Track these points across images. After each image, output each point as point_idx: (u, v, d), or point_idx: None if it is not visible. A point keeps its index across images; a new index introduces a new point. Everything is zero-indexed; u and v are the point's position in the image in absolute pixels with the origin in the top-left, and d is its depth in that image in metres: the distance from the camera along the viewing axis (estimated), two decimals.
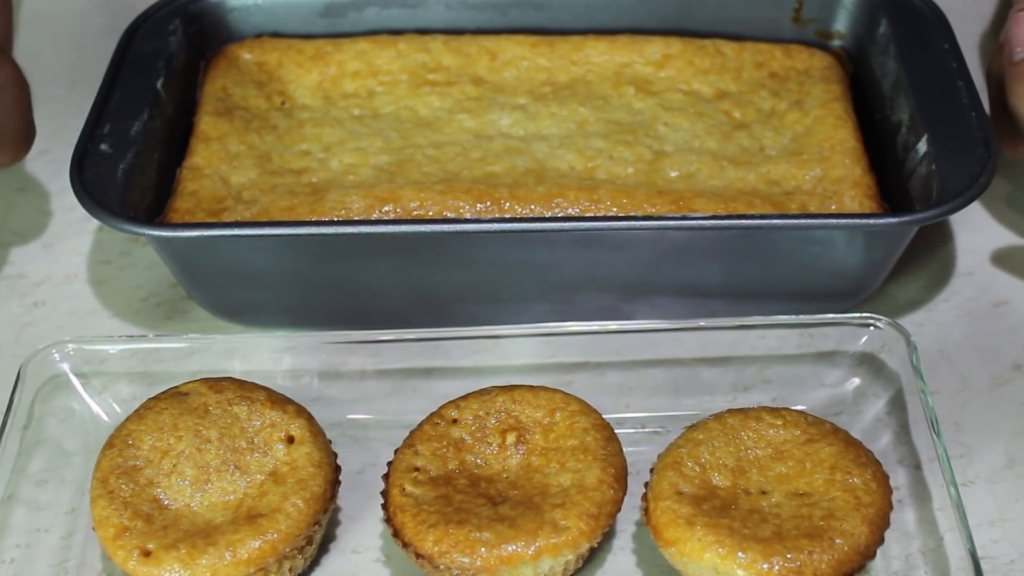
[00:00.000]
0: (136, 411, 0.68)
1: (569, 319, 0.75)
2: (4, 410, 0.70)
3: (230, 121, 0.81)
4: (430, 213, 0.75)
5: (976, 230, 0.82)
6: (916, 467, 0.68)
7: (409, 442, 0.67)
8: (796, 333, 0.73)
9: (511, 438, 0.67)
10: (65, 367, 0.72)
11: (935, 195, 0.72)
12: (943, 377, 0.75)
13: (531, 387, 0.69)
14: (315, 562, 0.67)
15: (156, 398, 0.68)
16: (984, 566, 0.65)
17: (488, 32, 0.86)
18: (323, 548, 0.68)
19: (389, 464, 0.67)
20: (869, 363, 0.72)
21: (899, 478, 0.68)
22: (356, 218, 0.74)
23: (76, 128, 0.77)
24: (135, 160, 0.76)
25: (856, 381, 0.72)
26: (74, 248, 0.84)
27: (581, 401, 0.68)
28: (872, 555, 0.62)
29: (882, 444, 0.69)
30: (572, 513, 0.63)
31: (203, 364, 0.73)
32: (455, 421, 0.68)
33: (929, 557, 0.65)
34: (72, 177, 0.73)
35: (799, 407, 0.70)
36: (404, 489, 0.65)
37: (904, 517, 0.67)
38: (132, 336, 0.77)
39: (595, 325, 0.72)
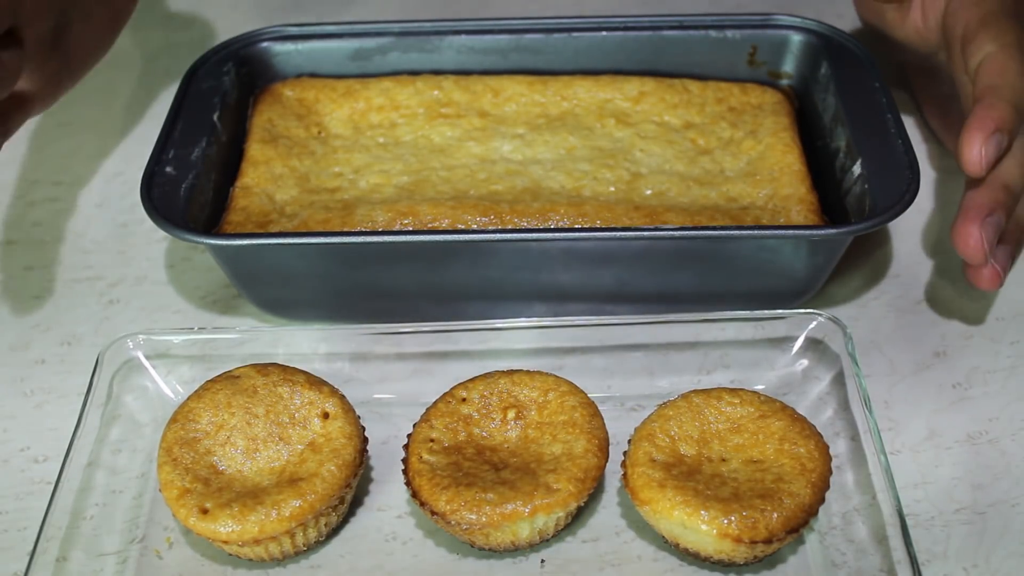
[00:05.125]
0: (196, 391, 0.68)
1: (560, 314, 0.75)
2: (86, 390, 0.70)
3: (275, 148, 0.81)
4: (443, 225, 0.74)
5: (902, 239, 0.82)
6: (852, 438, 0.68)
7: (425, 417, 0.67)
8: (751, 326, 0.73)
9: (511, 414, 0.67)
10: (138, 354, 0.72)
11: (868, 210, 0.72)
12: (874, 363, 0.75)
13: (528, 371, 0.69)
14: (346, 519, 0.67)
15: (213, 380, 0.68)
16: (909, 522, 0.65)
17: (492, 73, 0.86)
18: (353, 506, 0.68)
19: (409, 436, 0.67)
20: (812, 351, 0.72)
21: (838, 447, 0.68)
22: (381, 229, 0.74)
23: (145, 154, 0.77)
24: (195, 181, 0.75)
25: (801, 366, 0.72)
26: (143, 254, 0.84)
27: (570, 383, 0.68)
28: (815, 512, 0.62)
29: (824, 419, 0.69)
30: (563, 477, 0.63)
31: (252, 352, 0.73)
32: (464, 400, 0.68)
33: (863, 514, 0.65)
34: (142, 195, 0.73)
35: (753, 388, 0.70)
36: (421, 457, 0.65)
37: (843, 480, 0.66)
38: (192, 328, 0.77)
39: (582, 319, 0.72)
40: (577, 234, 0.70)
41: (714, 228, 0.71)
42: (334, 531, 0.67)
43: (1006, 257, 0.71)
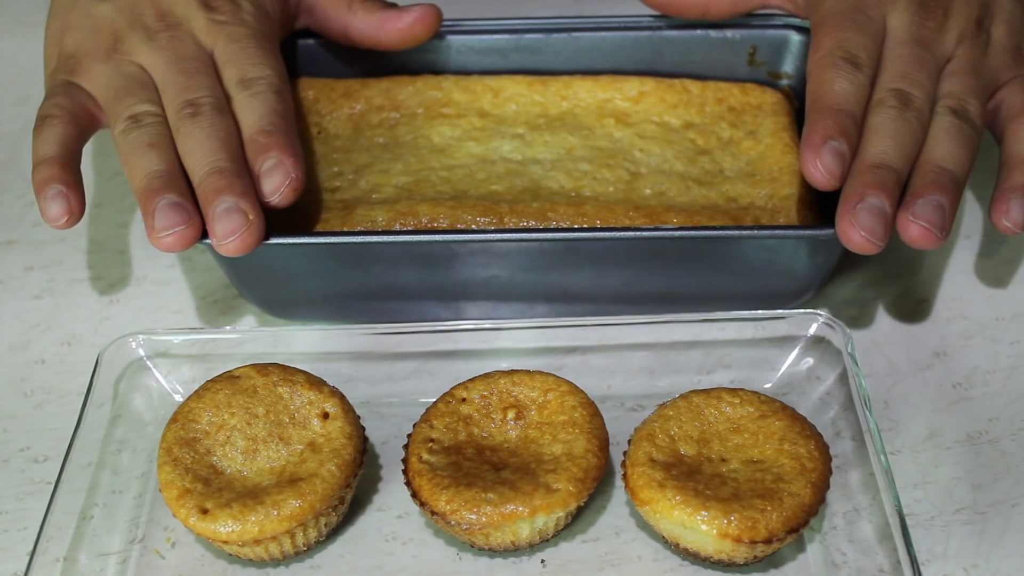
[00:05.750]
0: (196, 391, 0.68)
1: (560, 314, 0.75)
2: (86, 390, 0.70)
3: None
4: (443, 225, 0.74)
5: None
6: (852, 438, 0.68)
7: (425, 417, 0.67)
8: (751, 326, 0.73)
9: (511, 414, 0.67)
10: (138, 354, 0.72)
11: None
12: (874, 363, 0.75)
13: (528, 371, 0.69)
14: (346, 519, 0.67)
15: (213, 380, 0.68)
16: (909, 522, 0.65)
17: (492, 73, 0.86)
18: (353, 506, 0.68)
19: (408, 436, 0.67)
20: (812, 350, 0.72)
21: (839, 447, 0.68)
22: (381, 229, 0.74)
23: None
24: None
25: (801, 366, 0.72)
26: (144, 254, 0.84)
27: (570, 383, 0.68)
28: (815, 512, 0.62)
29: (824, 419, 0.69)
30: (563, 477, 0.63)
31: (252, 352, 0.73)
32: (464, 400, 0.68)
33: (863, 514, 0.65)
34: None
35: (754, 388, 0.70)
36: (421, 457, 0.65)
37: (844, 480, 0.66)
38: (192, 328, 0.77)
39: (582, 319, 0.72)
40: (576, 234, 0.70)
41: (714, 228, 0.71)
42: (334, 531, 0.67)
43: (932, 211, 0.66)
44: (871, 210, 0.66)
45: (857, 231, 0.66)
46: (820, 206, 0.76)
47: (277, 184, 0.68)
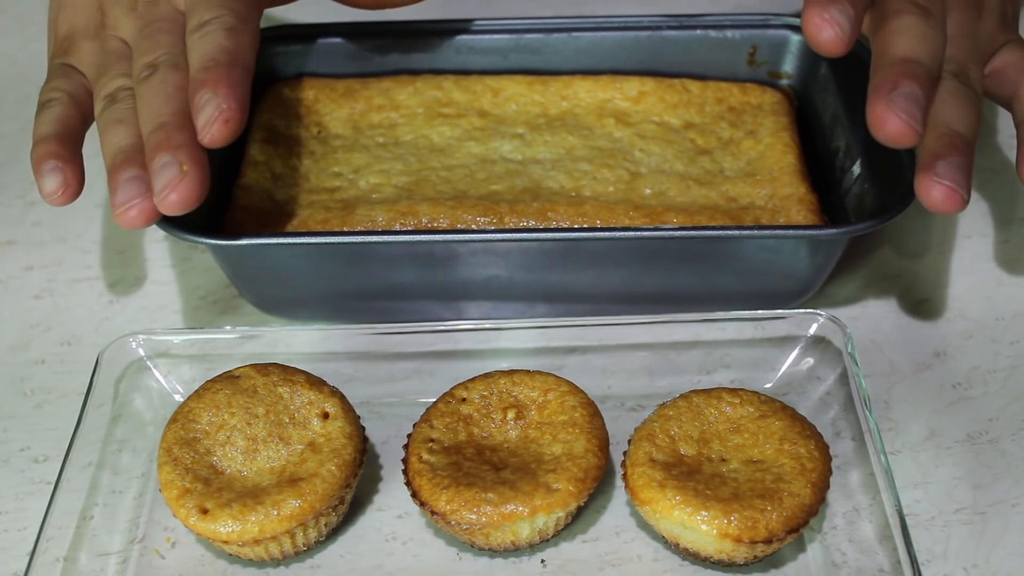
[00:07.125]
0: (196, 391, 0.68)
1: (561, 314, 0.75)
2: (86, 390, 0.70)
3: (275, 147, 0.81)
4: (443, 224, 0.74)
5: (902, 239, 0.82)
6: (852, 438, 0.67)
7: (425, 417, 0.67)
8: (751, 325, 0.73)
9: (511, 414, 0.67)
10: (140, 353, 0.72)
11: (867, 210, 0.72)
12: (874, 363, 0.74)
13: (528, 371, 0.69)
14: (346, 519, 0.67)
15: (212, 380, 0.68)
16: (909, 522, 0.65)
17: (492, 73, 0.86)
18: (353, 506, 0.68)
19: (409, 436, 0.67)
20: (812, 350, 0.72)
21: (839, 447, 0.67)
22: (381, 229, 0.74)
23: None
24: None
25: (801, 366, 0.72)
26: (143, 254, 0.84)
27: (570, 383, 0.68)
28: (815, 513, 0.62)
29: (824, 419, 0.69)
30: (562, 477, 0.63)
31: (252, 351, 0.73)
32: (464, 400, 0.68)
33: (863, 514, 0.65)
34: None
35: (754, 388, 0.70)
36: (421, 457, 0.65)
37: (844, 480, 0.66)
38: (192, 328, 0.77)
39: (582, 319, 0.72)
40: (576, 234, 0.70)
41: (714, 228, 0.71)
42: (334, 531, 0.67)
43: (955, 171, 0.62)
44: (907, 96, 0.61)
45: (895, 114, 0.61)
46: (820, 206, 0.76)
47: (207, 118, 0.62)
